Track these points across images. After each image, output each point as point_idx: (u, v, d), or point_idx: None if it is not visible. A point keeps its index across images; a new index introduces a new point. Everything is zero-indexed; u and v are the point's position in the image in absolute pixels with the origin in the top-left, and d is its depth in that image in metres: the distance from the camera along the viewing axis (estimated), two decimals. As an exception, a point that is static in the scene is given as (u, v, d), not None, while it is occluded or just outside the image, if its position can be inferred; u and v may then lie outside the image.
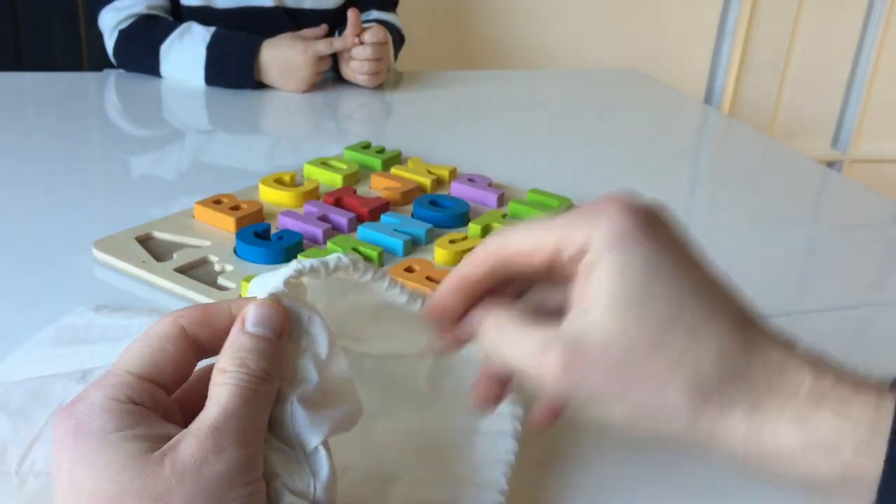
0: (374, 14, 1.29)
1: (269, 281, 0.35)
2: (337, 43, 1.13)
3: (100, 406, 0.30)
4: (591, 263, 0.32)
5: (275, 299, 0.33)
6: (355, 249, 0.61)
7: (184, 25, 1.13)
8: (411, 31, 1.37)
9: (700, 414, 0.31)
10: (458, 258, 0.61)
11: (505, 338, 0.34)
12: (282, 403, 0.32)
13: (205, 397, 0.31)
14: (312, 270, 0.34)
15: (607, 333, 0.31)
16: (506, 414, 0.41)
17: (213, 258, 0.61)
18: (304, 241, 0.64)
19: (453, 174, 0.79)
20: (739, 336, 0.32)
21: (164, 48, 1.12)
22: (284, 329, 0.33)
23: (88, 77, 1.19)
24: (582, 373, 0.31)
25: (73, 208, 0.72)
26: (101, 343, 0.45)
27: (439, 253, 0.62)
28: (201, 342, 0.33)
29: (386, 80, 1.19)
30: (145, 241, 0.63)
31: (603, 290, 0.32)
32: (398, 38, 1.29)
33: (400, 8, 1.36)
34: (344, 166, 0.78)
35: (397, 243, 0.63)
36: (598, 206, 0.33)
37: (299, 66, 1.11)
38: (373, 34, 1.13)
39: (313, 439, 0.31)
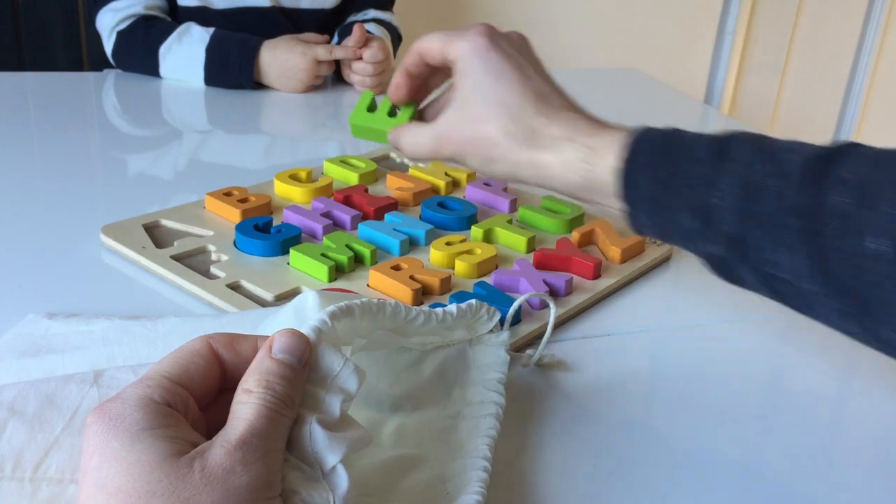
0: (371, 13, 1.29)
1: (307, 312, 0.38)
2: (337, 52, 1.12)
3: (134, 404, 0.31)
4: (458, 70, 0.55)
5: (302, 333, 0.35)
6: (348, 246, 0.61)
7: (182, 26, 1.13)
8: (411, 31, 1.37)
9: (504, 150, 0.53)
10: (452, 260, 0.61)
11: (409, 138, 0.59)
12: (300, 426, 0.33)
13: (224, 417, 0.32)
14: (344, 313, 0.37)
15: (463, 111, 0.55)
16: (487, 401, 0.44)
17: (212, 248, 0.62)
18: (303, 236, 0.64)
19: (471, 177, 0.79)
20: (535, 106, 0.53)
21: (163, 49, 1.12)
22: (308, 360, 0.34)
23: (88, 77, 1.19)
24: (448, 140, 0.56)
25: (73, 208, 0.72)
26: (69, 352, 0.44)
27: (434, 254, 0.62)
28: (226, 364, 0.35)
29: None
30: (152, 229, 0.65)
31: (463, 87, 0.55)
32: (396, 37, 1.29)
33: (400, 8, 1.36)
34: (362, 165, 0.78)
35: (394, 242, 0.63)
36: (464, 30, 0.56)
37: (298, 69, 1.11)
38: (373, 55, 1.12)
39: (332, 459, 0.33)
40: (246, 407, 0.32)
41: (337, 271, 0.59)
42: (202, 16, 1.17)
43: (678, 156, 0.47)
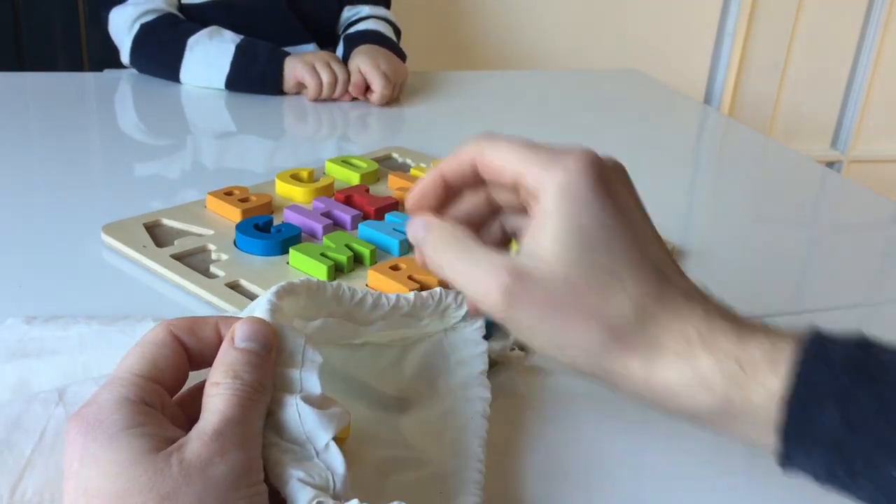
0: (366, 10, 1.29)
1: (254, 308, 0.37)
2: (345, 97, 1.12)
3: (111, 406, 0.31)
4: (546, 211, 0.36)
5: (262, 319, 0.35)
6: (348, 246, 0.61)
7: (213, 27, 1.13)
8: (410, 31, 1.37)
9: (609, 351, 0.36)
10: None
11: (451, 255, 0.38)
12: (285, 408, 0.33)
13: (199, 408, 0.32)
14: (287, 291, 0.37)
15: (549, 272, 0.36)
16: (474, 397, 0.44)
17: (212, 247, 0.62)
18: (303, 235, 0.64)
19: None
20: (658, 289, 0.36)
21: (192, 41, 1.11)
22: (273, 343, 0.34)
23: (88, 77, 1.19)
24: (519, 300, 0.36)
25: (73, 208, 0.72)
26: (44, 356, 0.44)
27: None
28: (190, 350, 0.34)
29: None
30: (153, 228, 0.65)
31: (554, 236, 0.36)
32: (395, 31, 1.29)
33: (399, 8, 1.36)
34: (364, 165, 0.78)
35: (393, 242, 0.63)
36: (560, 154, 0.37)
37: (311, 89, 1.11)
38: (379, 97, 1.10)
39: (323, 436, 0.32)
40: (216, 399, 0.32)
41: (336, 271, 0.59)
42: (207, 10, 1.17)
43: (883, 380, 0.33)
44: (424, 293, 0.45)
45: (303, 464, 0.32)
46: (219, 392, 0.32)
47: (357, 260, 0.61)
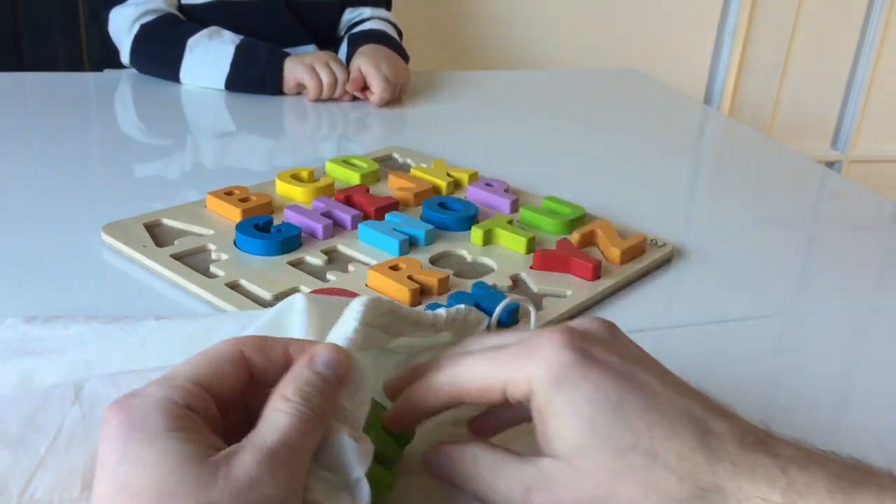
0: (368, 12, 1.29)
1: (294, 317, 0.38)
2: (344, 96, 1.12)
3: (156, 404, 0.30)
4: (541, 410, 0.34)
5: (345, 349, 0.35)
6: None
7: (213, 27, 1.13)
8: (411, 32, 1.37)
9: None
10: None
11: (484, 470, 0.36)
12: (330, 436, 0.33)
13: (242, 421, 0.32)
14: (373, 316, 0.37)
15: (573, 477, 0.32)
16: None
17: (212, 247, 0.62)
18: (303, 236, 0.64)
19: (473, 178, 0.79)
20: (702, 446, 0.31)
21: (192, 41, 1.11)
22: (346, 377, 0.34)
23: (88, 77, 1.19)
24: None
25: (74, 208, 0.72)
26: (46, 354, 0.44)
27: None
28: (255, 370, 0.34)
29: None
30: (153, 227, 0.65)
31: (562, 436, 0.33)
32: (396, 33, 1.29)
33: (400, 9, 1.36)
34: (364, 165, 0.78)
35: (393, 242, 0.63)
36: (534, 344, 0.35)
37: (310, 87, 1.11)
38: (378, 99, 1.10)
39: (358, 469, 0.32)
40: (281, 416, 0.31)
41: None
42: (207, 10, 1.17)
43: None
44: (453, 309, 0.45)
45: (333, 494, 0.32)
46: (286, 409, 0.31)
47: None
